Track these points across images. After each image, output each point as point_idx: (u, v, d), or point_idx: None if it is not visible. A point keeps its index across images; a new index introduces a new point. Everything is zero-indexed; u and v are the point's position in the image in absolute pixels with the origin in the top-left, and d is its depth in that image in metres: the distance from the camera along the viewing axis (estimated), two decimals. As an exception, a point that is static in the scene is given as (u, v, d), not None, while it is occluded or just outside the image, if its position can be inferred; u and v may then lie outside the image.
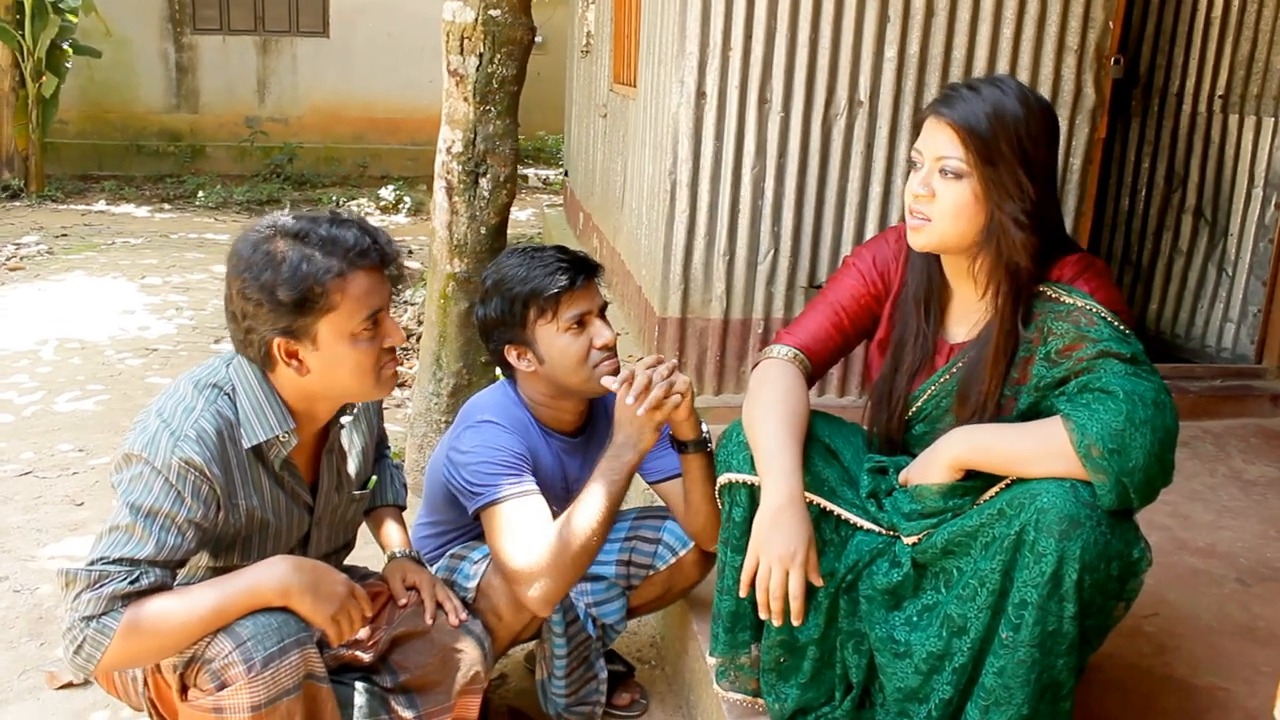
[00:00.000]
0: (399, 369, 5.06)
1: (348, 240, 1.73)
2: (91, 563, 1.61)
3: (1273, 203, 4.09)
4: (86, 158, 11.54)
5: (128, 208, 9.74)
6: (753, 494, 1.88)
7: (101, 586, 1.59)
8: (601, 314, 2.17)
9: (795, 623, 1.81)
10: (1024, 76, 3.48)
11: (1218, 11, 4.34)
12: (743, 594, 1.84)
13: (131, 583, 1.60)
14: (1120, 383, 1.64)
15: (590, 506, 2.00)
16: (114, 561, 1.61)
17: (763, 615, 1.82)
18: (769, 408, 1.88)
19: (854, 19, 3.39)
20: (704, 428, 2.12)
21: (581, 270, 2.15)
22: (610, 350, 2.15)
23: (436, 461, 2.26)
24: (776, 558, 1.77)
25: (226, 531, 1.75)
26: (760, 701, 2.04)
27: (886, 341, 1.98)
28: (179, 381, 1.78)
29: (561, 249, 2.20)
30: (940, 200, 1.76)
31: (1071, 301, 1.74)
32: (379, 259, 1.77)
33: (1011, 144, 1.71)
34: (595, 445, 2.29)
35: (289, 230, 1.73)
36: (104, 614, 1.58)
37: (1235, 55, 4.28)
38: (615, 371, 2.13)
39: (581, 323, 2.14)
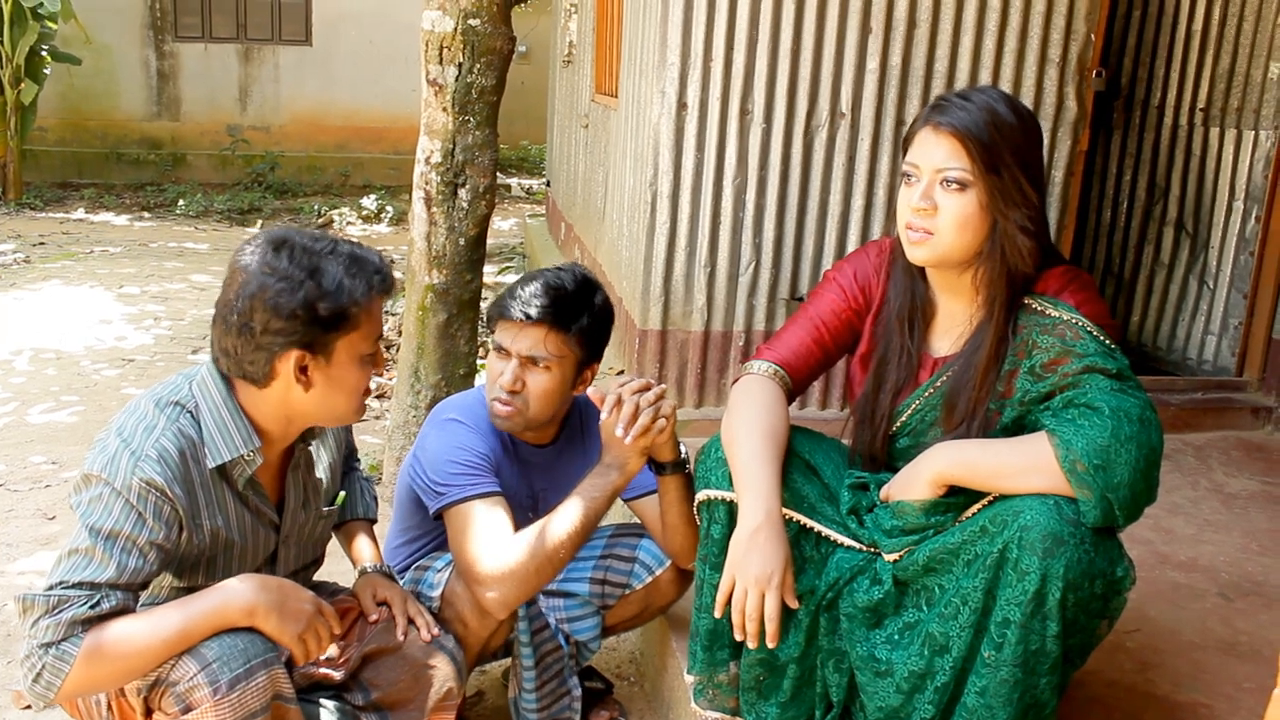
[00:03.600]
0: (378, 380, 5.01)
1: (373, 262, 1.75)
2: (50, 588, 1.57)
3: (1253, 215, 4.10)
4: (66, 165, 11.46)
5: (107, 216, 9.67)
6: (731, 511, 1.85)
7: (60, 612, 1.54)
8: (529, 362, 2.09)
9: (770, 645, 1.78)
10: (1006, 88, 3.48)
11: (1199, 25, 4.36)
12: (718, 614, 1.82)
13: (91, 607, 1.56)
14: (1106, 399, 1.62)
15: (565, 519, 1.98)
16: (73, 586, 1.56)
17: (738, 637, 1.79)
18: (748, 424, 1.86)
19: (836, 30, 3.38)
20: (682, 450, 2.09)
21: (531, 311, 2.07)
22: (505, 392, 2.09)
23: (405, 464, 2.24)
24: (753, 579, 1.74)
25: (191, 552, 1.72)
26: (737, 720, 2.02)
27: (868, 356, 1.96)
28: (140, 399, 1.74)
29: (555, 286, 2.10)
30: (944, 212, 1.73)
31: (1057, 315, 1.73)
32: (390, 285, 1.78)
33: (1012, 151, 1.70)
34: (566, 460, 2.26)
35: (314, 247, 1.71)
36: (63, 640, 1.54)
37: (1216, 68, 4.30)
38: (501, 416, 2.11)
39: (504, 353, 2.11)
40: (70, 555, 1.60)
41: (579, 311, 2.11)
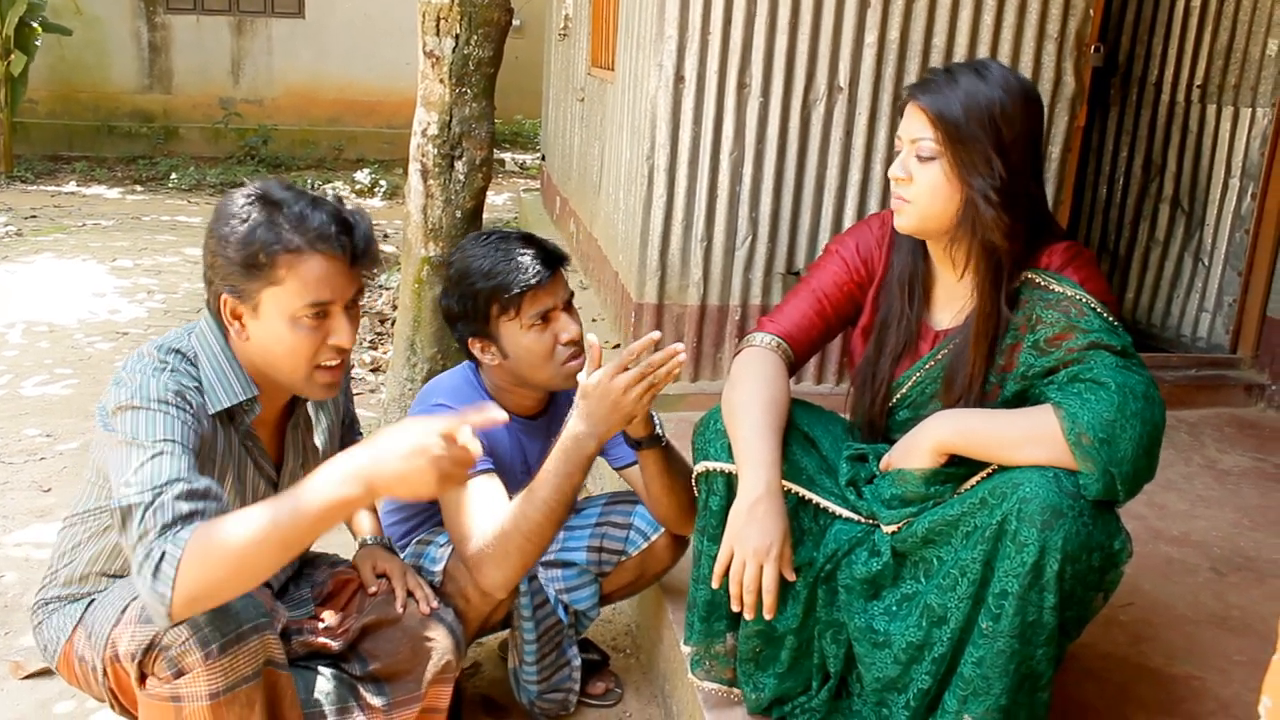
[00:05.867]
0: (373, 353, 4.99)
1: (314, 221, 1.70)
2: (143, 492, 1.53)
3: (1249, 193, 4.11)
4: (57, 138, 11.37)
5: (99, 189, 9.61)
6: (730, 483, 1.86)
7: (161, 496, 1.52)
8: (568, 307, 2.13)
9: (767, 616, 1.79)
10: (1003, 63, 3.47)
11: (1197, 1, 4.34)
12: (715, 585, 1.83)
13: (190, 485, 1.54)
14: (1111, 374, 1.63)
15: (543, 494, 1.96)
16: (165, 483, 1.54)
17: (735, 608, 1.80)
18: (749, 397, 1.86)
19: (834, 4, 3.37)
20: (656, 423, 2.08)
21: (547, 264, 2.10)
22: (576, 344, 2.12)
23: None
24: (751, 551, 1.75)
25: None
26: (735, 691, 2.03)
27: (870, 328, 1.96)
28: (144, 347, 1.76)
29: (528, 237, 2.14)
30: (917, 182, 1.77)
31: (1061, 290, 1.73)
32: (343, 250, 1.72)
33: (983, 123, 1.71)
34: (557, 426, 2.25)
35: (270, 196, 1.73)
36: (174, 522, 1.50)
37: (1214, 45, 4.29)
38: (580, 366, 2.10)
39: (546, 318, 2.11)
40: (139, 470, 1.56)
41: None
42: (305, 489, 1.52)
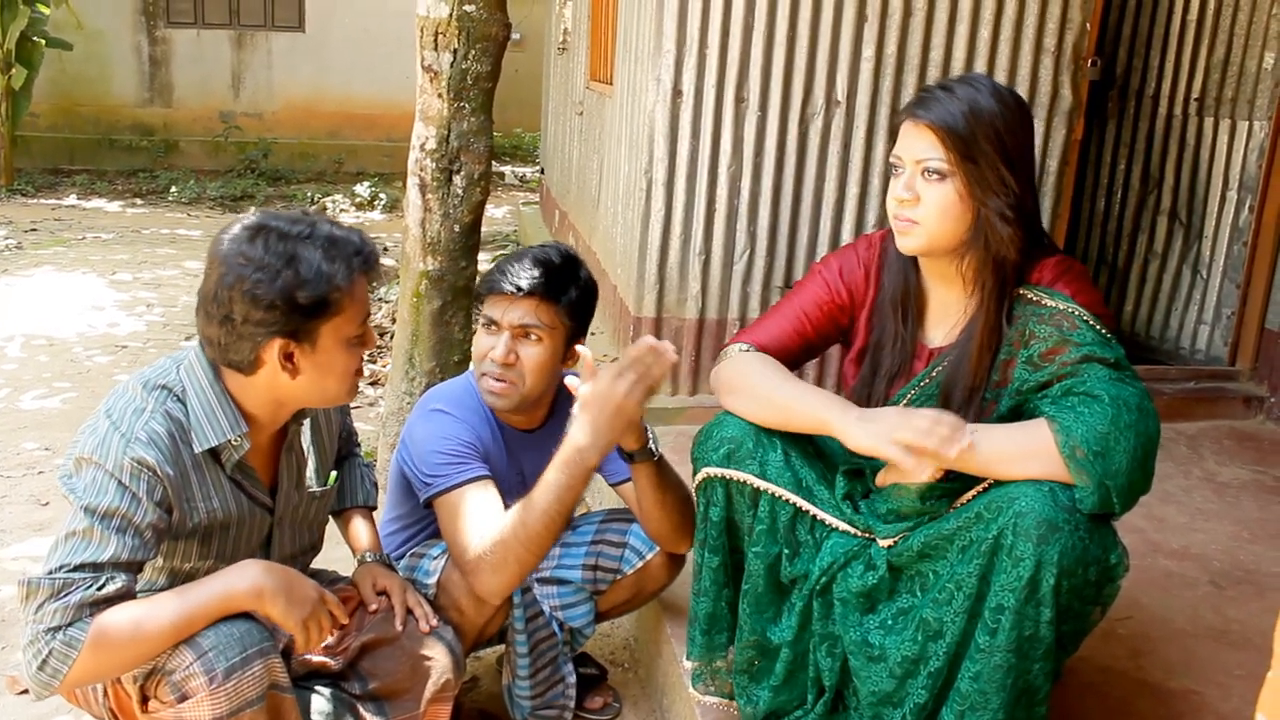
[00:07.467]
0: (372, 366, 5.00)
1: (353, 243, 1.72)
2: (52, 571, 1.55)
3: (1247, 205, 4.11)
4: (57, 151, 11.40)
5: (99, 202, 9.62)
6: (729, 491, 1.86)
7: (66, 595, 1.52)
8: (521, 334, 2.12)
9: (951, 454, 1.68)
10: (1001, 77, 3.48)
11: (1194, 14, 4.36)
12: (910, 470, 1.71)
13: (98, 589, 1.54)
14: (1105, 387, 1.63)
15: (543, 504, 1.94)
16: (76, 568, 1.55)
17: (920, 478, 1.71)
18: (764, 376, 1.86)
19: (832, 18, 3.38)
20: (649, 435, 2.07)
21: (523, 283, 2.09)
22: (498, 367, 2.11)
23: (396, 452, 2.25)
24: (928, 419, 1.68)
25: (185, 532, 1.71)
26: (734, 704, 2.02)
27: (863, 352, 1.96)
28: (128, 382, 1.74)
29: (543, 260, 2.14)
30: (926, 202, 1.75)
31: (1054, 305, 1.74)
32: (373, 264, 1.77)
33: (990, 140, 1.72)
34: (554, 443, 2.24)
35: (291, 232, 1.68)
36: (70, 624, 1.52)
37: (1211, 58, 4.30)
38: (495, 392, 2.13)
39: (495, 327, 2.13)
40: (68, 538, 1.58)
41: (567, 283, 2.14)
42: (198, 589, 1.62)
